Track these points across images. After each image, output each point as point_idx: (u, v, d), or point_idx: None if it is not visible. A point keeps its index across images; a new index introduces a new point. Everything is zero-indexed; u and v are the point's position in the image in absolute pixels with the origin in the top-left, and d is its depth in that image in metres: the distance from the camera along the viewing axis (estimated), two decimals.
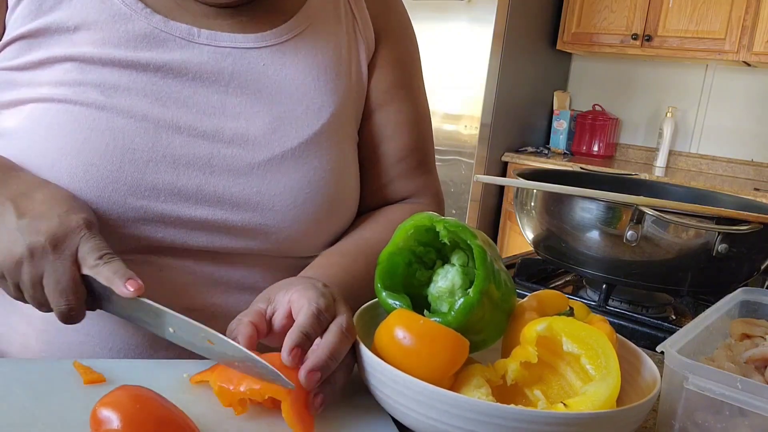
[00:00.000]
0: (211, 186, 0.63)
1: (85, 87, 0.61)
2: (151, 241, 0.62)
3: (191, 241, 0.63)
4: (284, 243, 0.67)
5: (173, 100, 0.63)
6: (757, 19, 2.86)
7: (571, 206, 0.92)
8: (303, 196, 0.66)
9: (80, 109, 0.60)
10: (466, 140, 3.14)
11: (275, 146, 0.66)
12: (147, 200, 0.61)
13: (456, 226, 0.54)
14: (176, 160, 0.62)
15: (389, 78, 0.78)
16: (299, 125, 0.67)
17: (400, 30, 0.81)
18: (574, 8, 3.35)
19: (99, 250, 0.53)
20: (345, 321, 0.52)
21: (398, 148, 0.78)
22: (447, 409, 0.45)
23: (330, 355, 0.49)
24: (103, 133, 0.60)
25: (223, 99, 0.65)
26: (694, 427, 0.49)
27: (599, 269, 0.93)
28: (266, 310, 0.54)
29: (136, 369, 0.54)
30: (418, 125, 0.80)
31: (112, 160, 0.60)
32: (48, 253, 0.52)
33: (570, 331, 0.50)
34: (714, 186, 2.83)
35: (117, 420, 0.40)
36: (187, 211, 0.62)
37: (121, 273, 0.52)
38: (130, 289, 0.51)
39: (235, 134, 0.64)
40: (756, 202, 1.06)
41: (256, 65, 0.67)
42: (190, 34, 0.65)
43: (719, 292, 0.79)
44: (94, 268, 0.53)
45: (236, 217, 0.64)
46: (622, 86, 3.59)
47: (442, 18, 3.12)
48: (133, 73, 0.62)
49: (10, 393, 0.47)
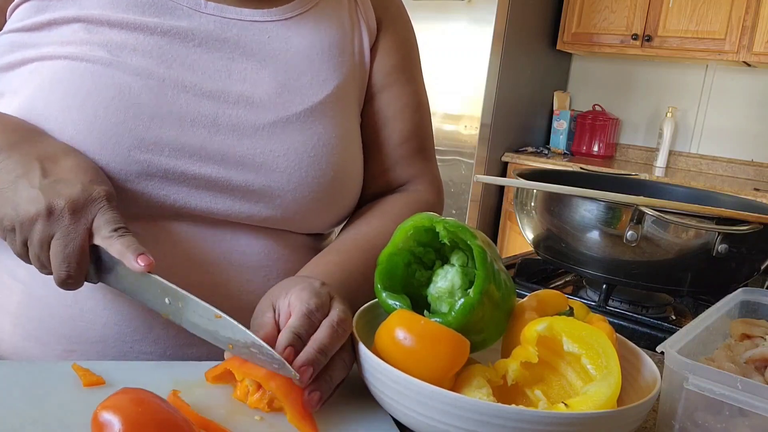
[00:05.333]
0: (216, 144, 0.63)
1: (92, 45, 0.62)
2: (154, 200, 0.62)
3: (194, 201, 0.63)
4: (287, 210, 0.67)
5: (179, 62, 0.64)
6: (757, 19, 2.86)
7: (571, 206, 0.92)
8: (307, 160, 0.67)
9: (86, 65, 0.61)
10: (466, 140, 3.14)
11: (280, 110, 0.67)
12: (150, 154, 0.61)
13: (456, 226, 0.54)
14: (181, 116, 0.62)
15: (391, 62, 0.79)
16: (304, 93, 0.69)
17: (400, 18, 0.83)
18: (574, 8, 3.35)
19: (115, 222, 0.54)
20: (337, 316, 0.52)
21: (400, 131, 0.79)
22: (448, 410, 0.45)
23: (318, 349, 0.49)
24: (108, 87, 0.61)
25: (229, 65, 0.66)
26: (694, 427, 0.49)
27: (599, 269, 0.93)
28: (275, 317, 0.54)
29: (136, 371, 0.54)
30: (418, 111, 0.82)
31: (116, 113, 0.60)
32: (64, 217, 0.52)
33: (570, 330, 0.50)
34: (714, 186, 2.83)
35: (118, 423, 0.39)
36: (191, 167, 0.63)
37: (134, 248, 0.52)
38: (141, 264, 0.52)
39: (240, 96, 0.65)
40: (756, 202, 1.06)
41: (261, 37, 0.69)
42: (197, 4, 0.67)
43: (719, 292, 0.79)
44: (107, 239, 0.53)
45: (240, 176, 0.64)
46: (622, 86, 3.59)
47: (442, 18, 3.12)
48: (140, 35, 0.63)
49: (9, 395, 0.47)
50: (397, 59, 0.80)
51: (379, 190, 0.80)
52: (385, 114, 0.79)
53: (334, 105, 0.71)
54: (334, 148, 0.69)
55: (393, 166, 0.80)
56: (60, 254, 0.53)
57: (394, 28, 0.81)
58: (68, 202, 0.52)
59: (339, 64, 0.73)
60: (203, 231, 0.65)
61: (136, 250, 0.52)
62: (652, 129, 3.50)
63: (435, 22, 3.13)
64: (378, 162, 0.80)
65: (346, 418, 0.51)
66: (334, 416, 0.51)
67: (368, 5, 0.79)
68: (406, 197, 0.79)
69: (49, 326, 0.62)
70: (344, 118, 0.72)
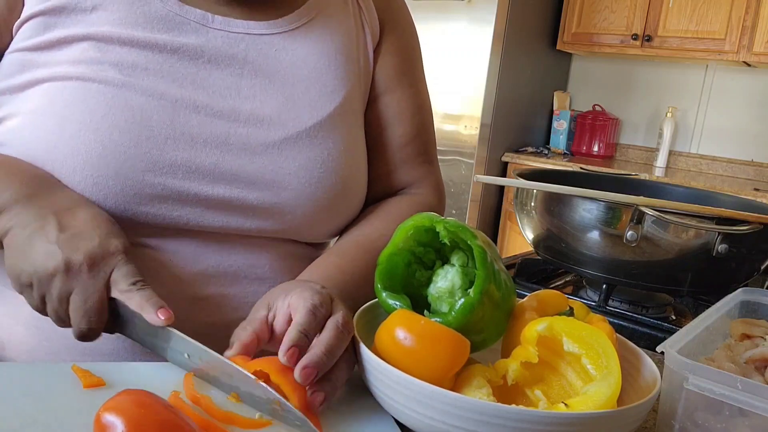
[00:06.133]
0: (228, 164, 0.64)
1: (104, 65, 0.62)
2: (168, 221, 0.62)
3: (207, 221, 0.64)
4: (296, 224, 0.67)
5: (190, 81, 0.64)
6: (757, 19, 2.86)
7: (571, 206, 0.92)
8: (317, 176, 0.67)
9: (98, 87, 0.61)
10: (466, 140, 3.14)
11: (290, 126, 0.67)
12: (165, 177, 0.61)
13: (456, 226, 0.54)
14: (194, 137, 0.62)
15: (394, 65, 0.79)
16: (313, 107, 0.69)
17: (403, 21, 0.83)
18: (574, 8, 3.35)
19: (133, 276, 0.54)
20: (341, 317, 0.52)
21: (401, 134, 0.79)
22: (448, 410, 0.45)
23: (326, 351, 0.49)
24: (122, 110, 0.60)
25: (238, 81, 0.66)
26: (694, 427, 0.49)
27: (599, 269, 0.93)
28: (267, 316, 0.54)
29: (136, 372, 0.53)
30: (420, 114, 0.82)
31: (130, 136, 0.60)
32: (83, 272, 0.52)
33: (571, 330, 0.50)
34: (714, 186, 2.83)
35: (121, 425, 0.39)
36: (204, 188, 0.63)
37: (153, 301, 0.53)
38: (162, 318, 0.52)
39: (250, 114, 0.65)
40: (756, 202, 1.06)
41: (268, 50, 0.69)
42: (204, 18, 0.66)
43: (719, 292, 0.79)
44: (126, 293, 0.53)
45: (252, 195, 0.64)
46: (622, 86, 3.59)
47: (442, 18, 3.12)
48: (150, 53, 0.63)
49: (9, 397, 0.47)
50: (399, 62, 0.80)
51: (382, 193, 0.80)
52: (387, 117, 0.79)
53: (342, 116, 0.71)
54: (342, 160, 0.69)
55: (395, 169, 0.80)
56: (80, 309, 0.53)
57: (396, 31, 0.81)
58: (86, 257, 0.52)
59: (346, 72, 0.73)
60: (214, 245, 0.66)
61: (155, 304, 0.52)
62: (652, 129, 3.50)
63: (435, 22, 3.13)
64: (380, 165, 0.80)
65: (346, 418, 0.51)
66: (334, 416, 0.51)
67: (371, 8, 0.79)
68: (409, 200, 0.79)
69: (60, 337, 0.62)
70: (352, 127, 0.72)
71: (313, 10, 0.73)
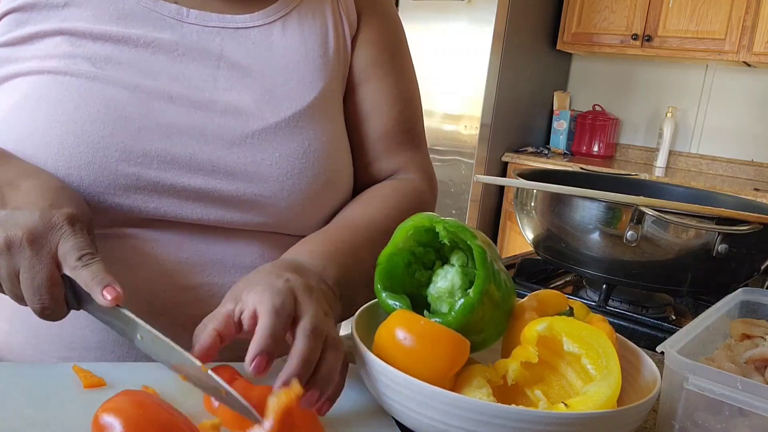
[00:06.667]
0: (205, 154, 0.63)
1: (76, 59, 0.61)
2: (144, 213, 0.61)
3: (185, 212, 0.63)
4: (281, 217, 0.67)
5: (165, 74, 0.64)
6: (757, 19, 2.86)
7: (571, 206, 0.92)
8: (299, 167, 0.66)
9: (71, 80, 0.60)
10: (466, 140, 3.14)
11: (268, 117, 0.66)
12: (139, 167, 0.60)
13: (455, 226, 0.54)
14: (169, 128, 0.62)
15: (369, 56, 0.78)
16: (291, 98, 0.68)
17: (381, 10, 0.82)
18: (574, 8, 3.35)
19: (79, 249, 0.50)
20: (309, 323, 0.49)
21: (380, 125, 0.78)
22: (448, 410, 0.45)
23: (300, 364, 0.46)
24: (94, 101, 0.60)
25: (215, 73, 0.66)
26: (694, 427, 0.49)
27: (599, 269, 0.93)
28: (234, 310, 0.51)
29: (136, 373, 0.53)
30: (400, 102, 0.80)
31: (103, 127, 0.59)
32: (25, 249, 0.49)
33: (571, 330, 0.50)
34: (714, 186, 2.83)
35: (119, 426, 0.39)
36: (181, 179, 0.62)
37: (99, 279, 0.49)
38: (108, 298, 0.49)
39: (228, 105, 0.65)
40: (756, 202, 1.06)
41: (245, 44, 0.68)
42: (179, 13, 0.66)
43: (719, 292, 0.79)
44: (74, 270, 0.50)
45: (230, 186, 0.63)
46: (622, 86, 3.59)
47: (442, 18, 3.12)
48: (124, 47, 0.63)
49: (9, 397, 0.47)
50: (377, 52, 0.79)
51: (367, 182, 0.79)
52: (364, 107, 0.78)
53: (322, 106, 0.70)
54: (324, 151, 0.69)
55: (376, 158, 0.79)
56: (29, 287, 0.50)
57: (374, 20, 0.80)
58: (25, 233, 0.49)
59: (324, 63, 0.72)
60: (196, 236, 0.65)
61: (101, 282, 0.49)
62: (652, 129, 3.50)
63: (435, 22, 3.13)
64: (361, 157, 0.79)
65: (346, 418, 0.51)
66: (334, 416, 0.50)
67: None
68: (395, 183, 0.78)
69: (45, 332, 0.62)
70: (332, 118, 0.72)
71: (291, 3, 0.72)
